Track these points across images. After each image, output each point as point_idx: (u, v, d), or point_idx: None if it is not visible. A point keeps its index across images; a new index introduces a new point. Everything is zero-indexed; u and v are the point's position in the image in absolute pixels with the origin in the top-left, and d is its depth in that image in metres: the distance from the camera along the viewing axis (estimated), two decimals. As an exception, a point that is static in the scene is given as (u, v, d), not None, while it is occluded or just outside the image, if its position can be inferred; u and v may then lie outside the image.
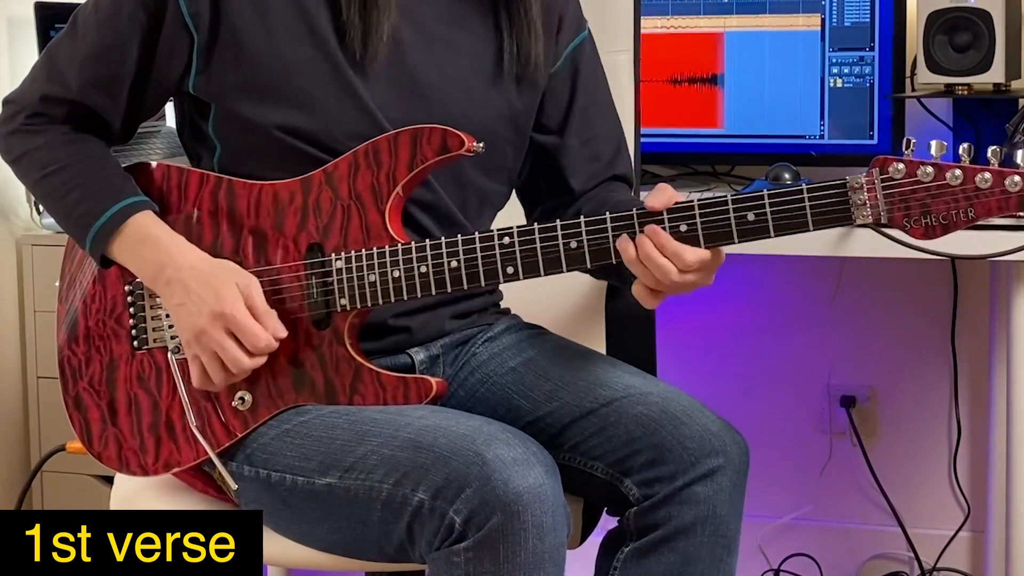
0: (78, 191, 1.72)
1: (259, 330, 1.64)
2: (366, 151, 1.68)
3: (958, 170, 1.52)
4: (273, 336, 1.65)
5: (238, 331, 1.63)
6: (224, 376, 1.66)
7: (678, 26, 2.59)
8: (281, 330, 1.66)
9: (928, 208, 1.53)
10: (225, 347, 1.64)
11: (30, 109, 1.75)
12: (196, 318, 1.65)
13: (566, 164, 1.85)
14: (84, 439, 1.78)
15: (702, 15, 2.58)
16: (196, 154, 1.79)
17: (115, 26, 1.70)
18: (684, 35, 2.59)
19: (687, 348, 2.84)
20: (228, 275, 1.66)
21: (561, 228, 1.62)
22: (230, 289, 1.65)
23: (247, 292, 1.65)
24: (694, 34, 2.59)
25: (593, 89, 1.88)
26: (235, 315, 1.63)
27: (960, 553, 2.80)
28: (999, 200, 1.51)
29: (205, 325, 1.64)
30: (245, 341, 1.64)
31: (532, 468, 1.54)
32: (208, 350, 1.65)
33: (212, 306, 1.64)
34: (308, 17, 1.69)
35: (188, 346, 1.67)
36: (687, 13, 2.59)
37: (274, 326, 1.65)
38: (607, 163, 1.87)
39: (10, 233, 2.83)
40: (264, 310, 1.65)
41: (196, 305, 1.65)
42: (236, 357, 1.64)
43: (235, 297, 1.64)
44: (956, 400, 2.76)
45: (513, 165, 1.83)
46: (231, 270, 1.67)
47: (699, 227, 1.58)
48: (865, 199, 1.55)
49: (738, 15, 2.56)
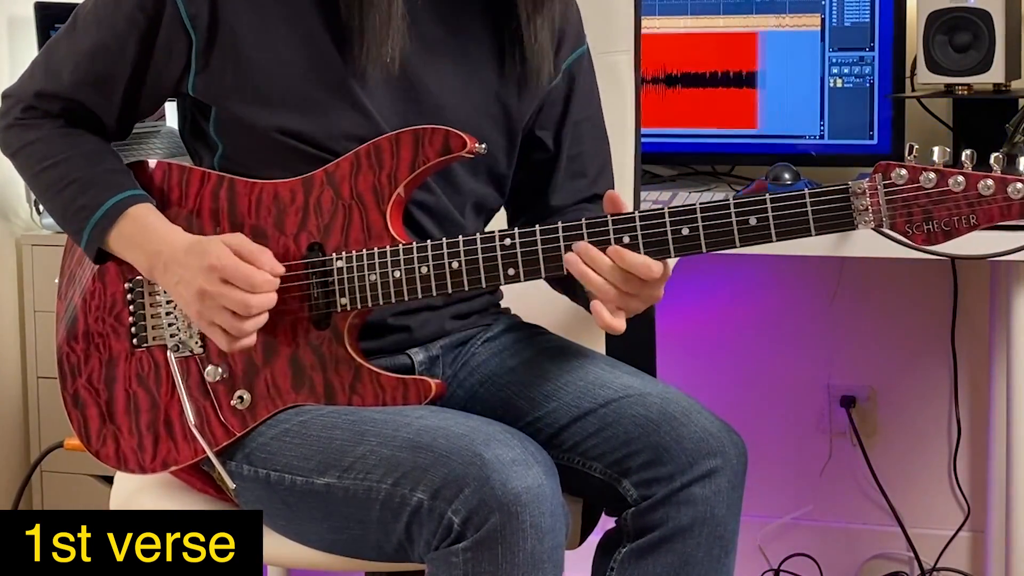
0: (75, 185, 1.72)
1: (250, 269, 1.62)
2: (368, 151, 1.68)
3: (960, 176, 1.51)
4: (270, 271, 1.63)
5: (231, 276, 1.61)
6: (243, 325, 1.63)
7: (678, 26, 2.59)
8: (277, 266, 1.64)
9: (930, 214, 1.53)
10: (227, 295, 1.61)
11: (25, 103, 1.76)
12: (192, 283, 1.63)
13: (550, 178, 1.86)
14: (82, 436, 1.78)
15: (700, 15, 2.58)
16: (197, 153, 1.79)
17: (113, 25, 1.70)
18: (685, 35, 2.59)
19: (687, 348, 2.84)
20: (212, 238, 1.65)
21: (563, 230, 1.62)
22: (214, 244, 1.64)
23: (232, 241, 1.64)
24: (694, 34, 2.58)
25: (587, 105, 1.88)
26: (223, 263, 1.61)
27: (960, 553, 2.80)
28: (1001, 207, 1.51)
29: (200, 284, 1.63)
30: (241, 283, 1.61)
31: (531, 468, 1.54)
32: (215, 307, 1.63)
33: (201, 264, 1.63)
34: (306, 20, 1.69)
35: (199, 316, 1.65)
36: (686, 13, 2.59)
37: (269, 262, 1.64)
38: (591, 181, 1.87)
39: (10, 233, 2.83)
40: (252, 250, 1.63)
41: (189, 272, 1.64)
42: (239, 299, 1.61)
43: (219, 247, 1.63)
44: (956, 400, 2.76)
45: (506, 172, 1.83)
46: (214, 235, 1.67)
47: (701, 231, 1.58)
48: (867, 204, 1.54)
49: (737, 15, 2.56)
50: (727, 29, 2.57)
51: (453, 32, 1.76)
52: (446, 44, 1.76)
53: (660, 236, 1.59)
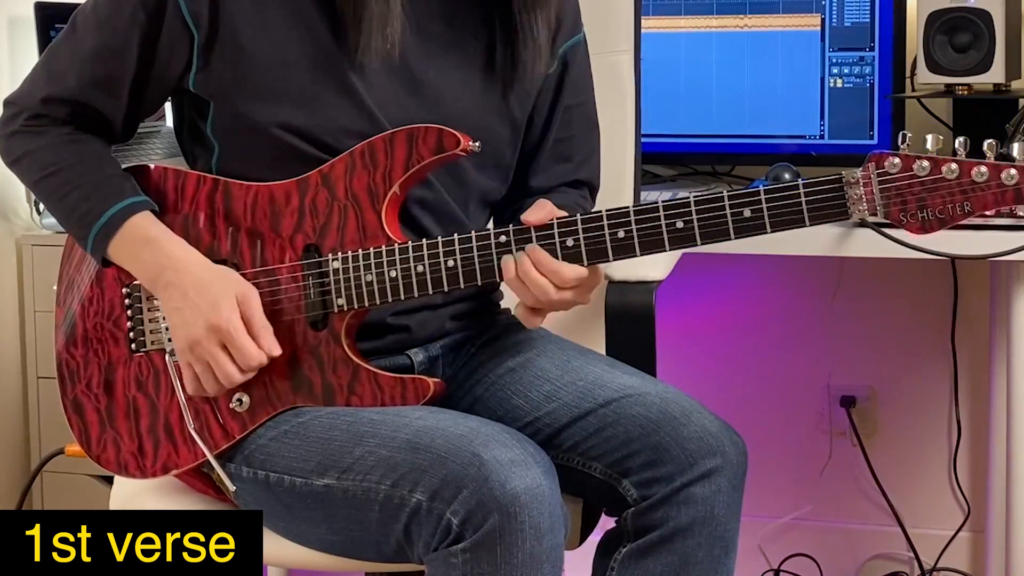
0: (78, 192, 1.72)
1: (252, 348, 1.64)
2: (362, 151, 1.68)
3: (954, 164, 1.52)
4: (267, 354, 1.65)
5: (231, 347, 1.64)
6: (217, 387, 1.66)
7: (678, 26, 2.59)
8: (275, 348, 1.66)
9: (924, 202, 1.53)
10: (217, 360, 1.64)
11: (31, 110, 1.75)
12: (192, 328, 1.65)
13: (535, 160, 1.86)
14: (83, 442, 1.78)
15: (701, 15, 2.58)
16: (193, 155, 1.79)
17: (115, 26, 1.70)
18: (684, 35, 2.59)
19: (687, 348, 2.84)
20: (227, 285, 1.66)
21: (558, 226, 1.62)
22: (227, 300, 1.64)
23: (244, 304, 1.65)
24: (694, 34, 2.58)
25: (579, 92, 1.88)
26: (230, 330, 1.63)
27: (960, 553, 2.80)
28: (995, 194, 1.51)
29: (200, 336, 1.64)
30: (237, 358, 1.64)
31: (530, 469, 1.54)
32: (201, 360, 1.65)
33: (208, 317, 1.64)
34: (305, 15, 1.69)
35: (182, 354, 1.67)
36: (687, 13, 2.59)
37: (268, 343, 1.65)
38: (575, 166, 1.87)
39: (10, 233, 2.83)
40: (260, 325, 1.65)
41: (192, 314, 1.65)
42: (227, 372, 1.64)
43: (231, 310, 1.64)
44: (956, 400, 2.76)
45: (510, 163, 1.83)
46: (231, 280, 1.67)
47: (695, 224, 1.58)
48: (861, 193, 1.55)
49: (737, 15, 2.56)
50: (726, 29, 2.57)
51: (452, 26, 1.76)
52: (445, 38, 1.76)
53: (655, 229, 1.59)
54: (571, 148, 1.87)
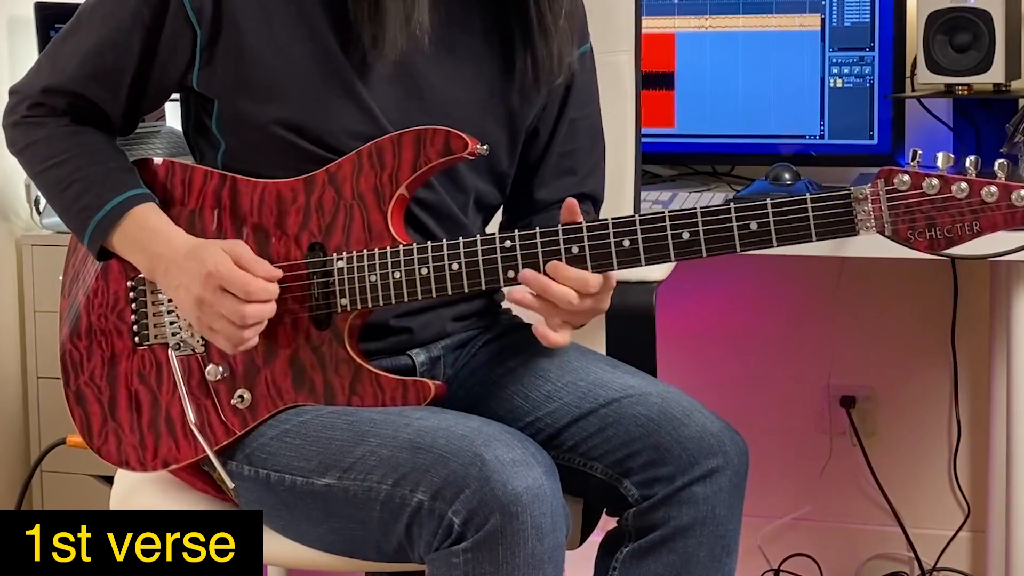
0: (79, 184, 1.72)
1: (247, 277, 1.62)
2: (370, 151, 1.68)
3: (964, 183, 1.50)
4: (266, 277, 1.63)
5: (227, 284, 1.62)
6: (239, 333, 1.63)
7: (678, 26, 2.59)
8: (275, 272, 1.65)
9: (933, 221, 1.52)
10: (225, 304, 1.62)
11: (31, 100, 1.76)
12: (191, 289, 1.64)
13: (539, 172, 1.86)
14: (84, 433, 1.78)
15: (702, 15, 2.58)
16: (200, 150, 1.79)
17: (119, 21, 1.70)
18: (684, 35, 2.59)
19: (687, 348, 2.84)
20: (213, 244, 1.66)
21: (563, 232, 1.62)
22: (213, 250, 1.64)
23: (231, 249, 1.64)
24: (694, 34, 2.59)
25: (584, 103, 1.88)
26: (219, 270, 1.62)
27: (960, 553, 2.80)
28: (1005, 215, 1.49)
29: (199, 291, 1.63)
30: (238, 292, 1.62)
31: (531, 469, 1.54)
32: (213, 314, 1.63)
33: (200, 271, 1.63)
34: (309, 16, 1.69)
35: (198, 323, 1.66)
36: (688, 13, 2.59)
37: (266, 270, 1.64)
38: (580, 179, 1.87)
39: (10, 233, 2.83)
40: (250, 259, 1.64)
41: (188, 277, 1.64)
42: (235, 308, 1.62)
43: (217, 254, 1.63)
44: (956, 400, 2.76)
45: (507, 170, 1.83)
46: (217, 241, 1.67)
47: (701, 236, 1.58)
48: (870, 210, 1.53)
49: (737, 15, 2.56)
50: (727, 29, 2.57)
51: (460, 30, 1.76)
52: (452, 42, 1.75)
53: (660, 240, 1.59)
54: (576, 161, 1.87)
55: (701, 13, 2.58)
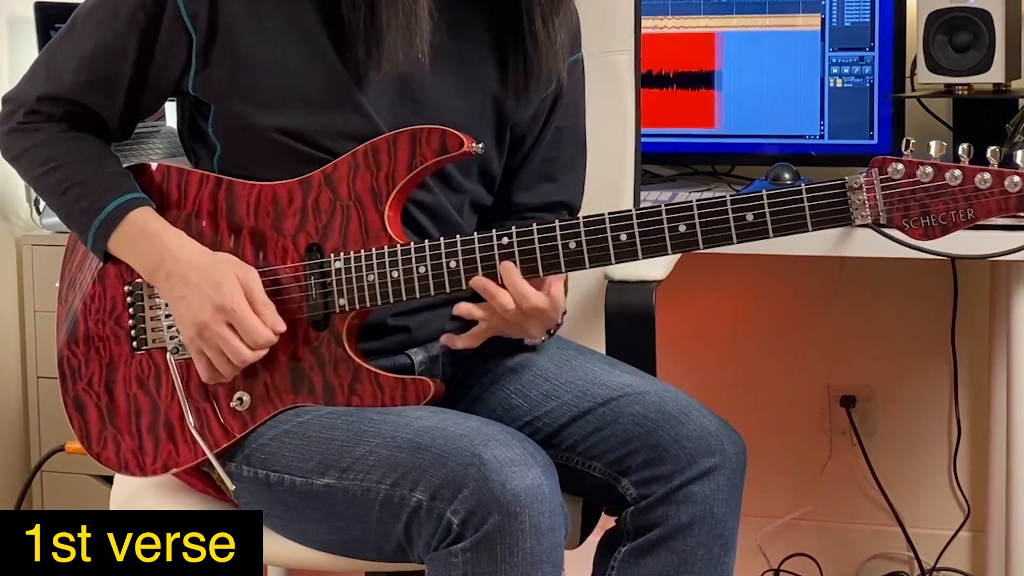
0: (76, 188, 1.72)
1: (259, 325, 1.64)
2: (365, 152, 1.68)
3: (957, 170, 1.52)
4: (272, 330, 1.65)
5: (238, 325, 1.63)
6: (230, 368, 1.66)
7: (678, 26, 2.59)
8: (280, 324, 1.66)
9: (927, 208, 1.53)
10: (227, 340, 1.64)
11: (27, 107, 1.76)
12: (198, 312, 1.65)
13: (519, 176, 1.86)
14: (83, 439, 1.78)
15: (702, 15, 2.58)
16: (196, 154, 1.79)
17: (114, 26, 1.70)
18: (684, 35, 2.59)
19: (687, 348, 2.84)
20: (227, 267, 1.66)
21: (560, 228, 1.62)
22: (229, 281, 1.64)
23: (246, 284, 1.65)
24: (694, 34, 2.59)
25: (572, 112, 1.88)
26: (235, 308, 1.63)
27: (960, 553, 2.80)
28: (999, 201, 1.51)
29: (206, 319, 1.64)
30: (245, 336, 1.63)
31: (530, 468, 1.54)
32: (211, 344, 1.65)
33: (212, 298, 1.64)
34: (303, 21, 1.69)
35: (191, 342, 1.67)
36: (686, 13, 2.59)
37: (272, 319, 1.65)
38: (559, 187, 1.87)
39: (10, 233, 2.83)
40: (263, 302, 1.65)
41: (196, 298, 1.65)
42: (238, 350, 1.64)
43: (234, 289, 1.64)
44: (956, 400, 2.76)
45: (497, 172, 1.84)
46: (230, 262, 1.68)
47: (698, 228, 1.58)
48: (864, 199, 1.55)
49: (737, 15, 2.56)
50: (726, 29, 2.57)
51: (454, 35, 1.76)
52: (446, 46, 1.75)
53: (657, 233, 1.59)
54: (557, 168, 1.87)
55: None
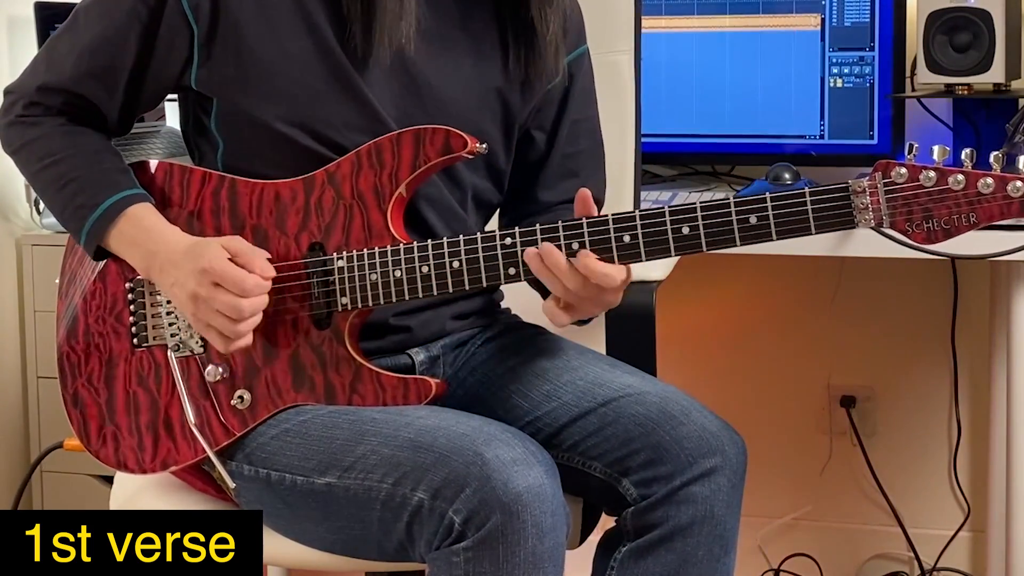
0: (75, 184, 1.72)
1: (241, 273, 1.62)
2: (369, 151, 1.68)
3: (960, 175, 1.52)
4: (260, 274, 1.63)
5: (223, 280, 1.62)
6: (236, 327, 1.63)
7: (677, 26, 2.59)
8: (269, 269, 1.64)
9: (930, 213, 1.54)
10: (218, 299, 1.62)
11: (27, 98, 1.75)
12: (186, 285, 1.64)
13: (542, 175, 1.86)
14: (82, 436, 1.78)
15: (701, 15, 2.58)
16: (199, 151, 1.79)
17: (115, 19, 1.70)
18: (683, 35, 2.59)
19: (687, 348, 2.84)
20: (210, 241, 1.66)
21: (563, 230, 1.62)
22: (211, 247, 1.64)
23: (228, 243, 1.64)
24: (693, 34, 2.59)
25: (585, 105, 1.88)
26: (214, 266, 1.62)
27: (960, 553, 2.80)
28: (1001, 205, 1.51)
29: (194, 287, 1.63)
30: (232, 287, 1.61)
31: (532, 468, 1.54)
32: (210, 311, 1.63)
33: (194, 266, 1.63)
34: (306, 11, 1.69)
35: (194, 319, 1.66)
36: (686, 13, 2.59)
37: (261, 265, 1.64)
38: (583, 181, 1.86)
39: (10, 233, 2.83)
40: (247, 253, 1.64)
41: (183, 274, 1.64)
42: (231, 303, 1.61)
43: (213, 251, 1.63)
44: (956, 400, 2.76)
45: (504, 167, 1.83)
46: (215, 238, 1.67)
47: (701, 230, 1.58)
48: (867, 203, 1.55)
49: (737, 15, 2.56)
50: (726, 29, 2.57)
51: (458, 26, 1.76)
52: (450, 38, 1.75)
53: (661, 235, 1.59)
54: (579, 163, 1.87)
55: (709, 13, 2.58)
